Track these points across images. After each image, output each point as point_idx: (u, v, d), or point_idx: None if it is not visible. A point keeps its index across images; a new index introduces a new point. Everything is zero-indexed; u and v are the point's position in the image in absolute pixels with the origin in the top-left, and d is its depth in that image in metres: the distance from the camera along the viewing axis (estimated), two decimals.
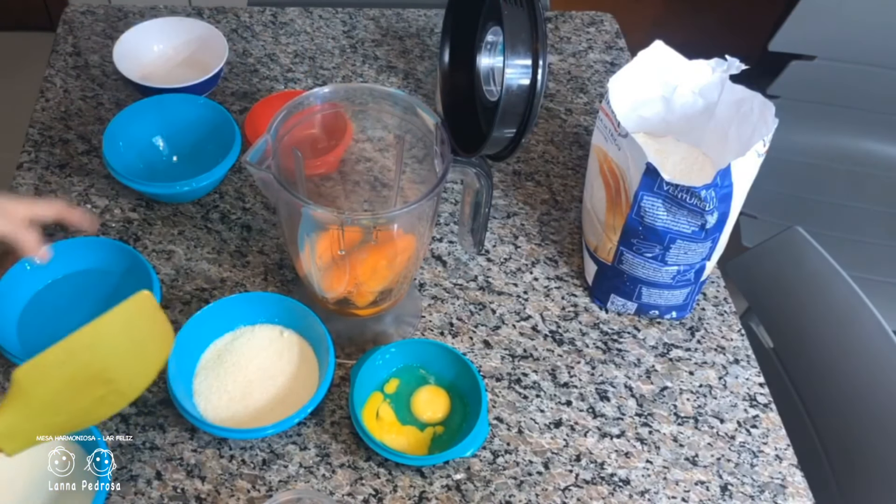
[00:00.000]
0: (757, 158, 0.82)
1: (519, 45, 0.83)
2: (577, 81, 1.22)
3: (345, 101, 0.84)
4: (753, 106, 0.87)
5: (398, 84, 1.18)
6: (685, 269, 0.88)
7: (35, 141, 1.04)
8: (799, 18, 1.47)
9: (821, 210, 1.60)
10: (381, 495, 0.78)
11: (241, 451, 0.80)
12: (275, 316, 0.87)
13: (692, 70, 0.91)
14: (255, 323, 0.87)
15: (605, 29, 1.31)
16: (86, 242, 0.90)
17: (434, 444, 0.81)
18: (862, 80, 1.57)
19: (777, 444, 0.86)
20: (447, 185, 1.04)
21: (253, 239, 0.97)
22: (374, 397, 0.84)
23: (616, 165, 0.86)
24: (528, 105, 0.85)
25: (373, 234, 0.80)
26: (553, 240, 1.01)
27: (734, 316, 0.97)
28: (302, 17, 1.26)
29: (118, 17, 1.23)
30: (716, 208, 0.81)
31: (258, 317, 0.87)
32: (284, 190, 0.73)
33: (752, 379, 0.91)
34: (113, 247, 0.89)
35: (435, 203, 0.79)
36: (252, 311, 0.86)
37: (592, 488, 0.80)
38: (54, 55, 1.16)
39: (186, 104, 1.02)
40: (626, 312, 0.95)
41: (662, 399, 0.88)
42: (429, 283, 0.95)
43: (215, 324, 0.85)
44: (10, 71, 2.31)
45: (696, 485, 0.82)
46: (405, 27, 1.27)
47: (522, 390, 0.87)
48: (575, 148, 1.12)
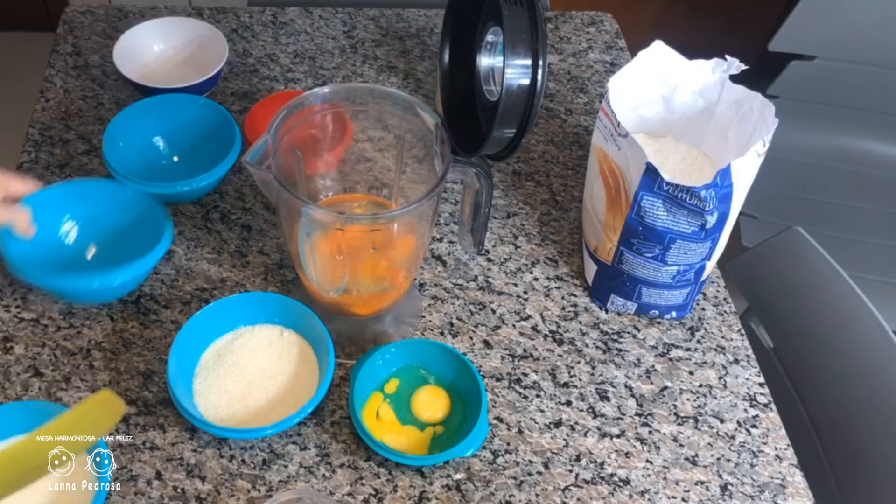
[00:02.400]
0: (757, 158, 0.82)
1: (519, 45, 0.83)
2: (577, 81, 1.22)
3: (345, 101, 0.84)
4: (753, 106, 0.87)
5: (398, 84, 1.18)
6: (685, 269, 0.88)
7: (35, 141, 1.04)
8: (799, 18, 1.47)
9: (821, 210, 1.60)
10: (381, 495, 0.78)
11: (241, 451, 0.80)
12: (275, 316, 0.87)
13: (692, 70, 0.91)
14: (256, 323, 0.87)
15: (605, 29, 1.31)
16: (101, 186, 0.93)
17: (434, 444, 0.81)
18: (862, 80, 1.57)
19: (777, 444, 0.86)
20: (447, 185, 1.04)
21: (253, 239, 0.97)
22: (374, 397, 0.84)
23: (616, 165, 0.86)
24: (528, 105, 0.85)
25: (373, 234, 0.80)
26: (553, 240, 1.01)
27: (734, 316, 0.97)
28: (302, 17, 1.26)
29: (118, 17, 1.23)
30: (716, 208, 0.81)
31: (258, 317, 0.87)
32: (284, 190, 0.73)
33: (752, 379, 0.91)
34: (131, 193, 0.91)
35: (435, 203, 0.79)
36: (252, 311, 0.86)
37: (592, 488, 0.80)
38: (54, 55, 1.16)
39: (186, 104, 1.02)
40: (626, 312, 0.95)
41: (662, 399, 0.88)
42: (429, 283, 0.95)
43: (215, 324, 0.85)
44: (10, 71, 2.31)
45: (696, 485, 0.82)
46: (405, 27, 1.27)
47: (522, 390, 0.87)
48: (575, 148, 1.12)
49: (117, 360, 0.85)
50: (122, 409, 0.70)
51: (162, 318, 0.89)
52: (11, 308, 0.88)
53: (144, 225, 0.90)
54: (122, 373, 0.84)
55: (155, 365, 0.85)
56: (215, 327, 0.85)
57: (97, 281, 0.83)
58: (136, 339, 0.87)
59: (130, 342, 0.87)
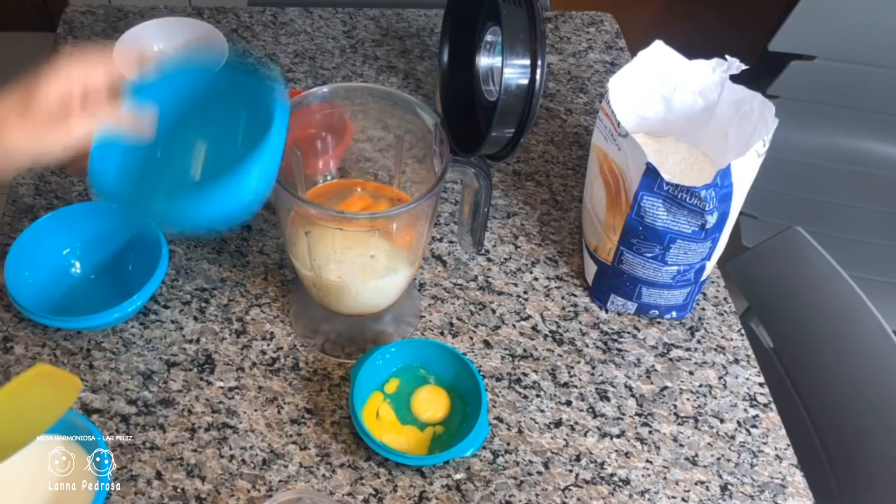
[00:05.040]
0: (757, 158, 0.82)
1: (518, 45, 0.83)
2: (577, 81, 1.22)
3: (345, 101, 0.84)
4: (753, 106, 0.87)
5: (398, 84, 1.18)
6: (685, 269, 0.88)
7: None
8: (799, 18, 1.47)
9: (821, 210, 1.60)
10: (381, 495, 0.78)
11: (241, 450, 0.80)
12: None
13: (692, 70, 0.91)
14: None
15: (605, 29, 1.31)
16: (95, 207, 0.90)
17: (434, 443, 0.81)
18: (862, 80, 1.57)
19: (777, 444, 0.86)
20: (447, 184, 1.04)
21: (253, 239, 0.97)
22: (374, 397, 0.84)
23: (616, 165, 0.86)
24: (527, 105, 0.85)
25: (372, 234, 0.80)
26: (553, 240, 1.01)
27: (734, 316, 0.97)
28: (302, 17, 1.26)
29: (118, 17, 1.23)
30: (716, 208, 0.81)
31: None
32: (283, 189, 0.73)
33: (752, 379, 0.91)
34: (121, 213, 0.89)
35: (434, 203, 0.79)
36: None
37: (592, 488, 0.80)
38: (54, 55, 1.16)
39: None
40: (626, 312, 0.95)
41: (662, 399, 0.88)
42: (429, 283, 0.95)
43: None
44: (10, 71, 2.31)
45: (696, 485, 0.82)
46: (405, 27, 1.27)
47: (522, 390, 0.87)
48: (575, 148, 1.12)
49: (117, 360, 0.85)
50: (76, 385, 0.67)
51: (162, 318, 0.89)
52: (11, 308, 0.88)
53: (138, 240, 0.89)
54: (122, 373, 0.84)
55: (155, 365, 0.85)
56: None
57: (114, 314, 0.83)
58: (136, 339, 0.87)
59: (130, 342, 0.87)
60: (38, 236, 0.87)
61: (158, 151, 0.74)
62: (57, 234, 0.89)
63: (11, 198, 0.98)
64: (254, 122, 0.71)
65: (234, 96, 0.73)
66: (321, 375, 0.86)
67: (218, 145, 0.76)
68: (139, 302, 0.84)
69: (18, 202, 0.98)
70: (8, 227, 0.95)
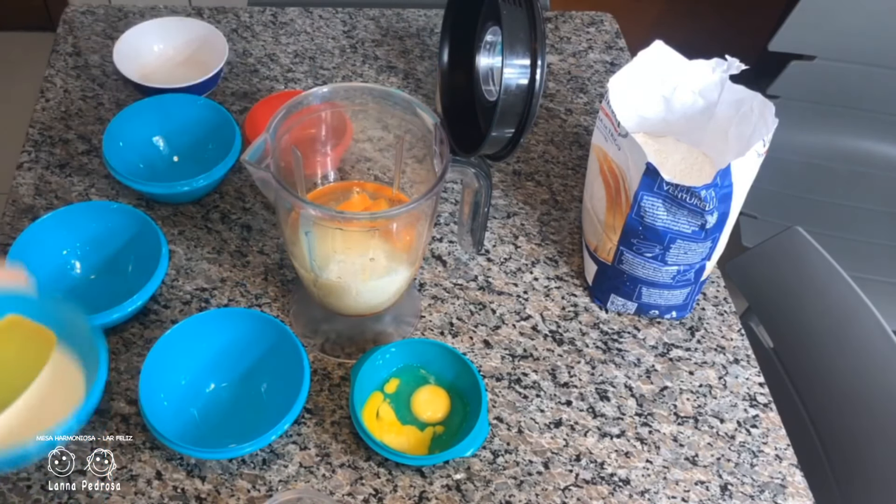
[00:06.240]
0: (757, 158, 0.82)
1: (517, 45, 0.83)
2: (577, 81, 1.22)
3: (345, 101, 0.84)
4: (753, 106, 0.87)
5: (398, 84, 1.18)
6: (685, 269, 0.88)
7: (35, 141, 1.04)
8: (799, 18, 1.47)
9: (821, 210, 1.60)
10: (381, 495, 0.78)
11: None
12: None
13: (692, 70, 0.91)
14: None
15: (605, 29, 1.31)
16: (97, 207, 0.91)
17: (434, 443, 0.81)
18: (862, 80, 1.57)
19: (777, 444, 0.86)
20: (447, 184, 1.04)
21: (253, 239, 0.97)
22: (374, 397, 0.84)
23: (616, 165, 0.86)
24: (527, 105, 0.85)
25: (372, 234, 0.80)
26: (553, 240, 1.01)
27: (734, 316, 0.97)
28: (302, 17, 1.26)
29: (118, 17, 1.23)
30: (716, 208, 0.81)
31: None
32: (283, 189, 0.73)
33: (752, 379, 0.91)
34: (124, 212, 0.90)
35: (434, 203, 0.79)
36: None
37: (592, 488, 0.80)
38: (54, 55, 1.16)
39: (186, 104, 1.02)
40: (626, 312, 0.95)
41: (662, 399, 0.88)
42: (429, 283, 0.95)
43: None
44: (10, 71, 2.31)
45: (696, 485, 0.82)
46: (405, 27, 1.27)
47: (522, 390, 0.87)
48: (575, 148, 1.12)
49: (117, 360, 0.85)
50: (50, 339, 0.64)
51: (162, 318, 0.89)
52: None
53: (138, 240, 0.89)
54: (122, 373, 0.84)
55: None
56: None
57: (114, 314, 0.82)
58: (136, 338, 0.87)
59: (130, 342, 0.87)
60: (38, 236, 0.87)
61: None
62: (57, 234, 0.89)
63: (11, 198, 0.98)
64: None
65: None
66: (321, 375, 0.86)
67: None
68: (139, 302, 0.84)
69: (18, 202, 0.98)
70: (8, 227, 0.95)
